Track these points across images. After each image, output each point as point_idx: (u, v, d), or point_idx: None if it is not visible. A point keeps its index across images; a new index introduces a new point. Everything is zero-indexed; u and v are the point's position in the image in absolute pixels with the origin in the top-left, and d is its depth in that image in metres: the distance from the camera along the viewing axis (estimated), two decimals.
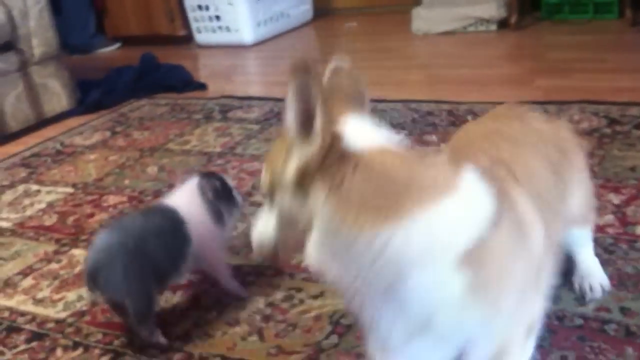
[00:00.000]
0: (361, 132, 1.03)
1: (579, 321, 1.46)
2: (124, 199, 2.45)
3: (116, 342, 1.65)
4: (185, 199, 1.71)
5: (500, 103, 2.70)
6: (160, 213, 1.70)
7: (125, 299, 1.56)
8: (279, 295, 1.73)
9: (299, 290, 1.73)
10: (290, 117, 0.99)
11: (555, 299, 1.53)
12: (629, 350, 1.35)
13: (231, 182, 1.83)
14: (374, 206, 0.97)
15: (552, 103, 2.69)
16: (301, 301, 1.68)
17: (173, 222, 1.65)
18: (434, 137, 2.54)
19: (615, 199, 1.92)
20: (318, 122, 0.97)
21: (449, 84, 3.23)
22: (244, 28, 4.66)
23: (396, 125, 2.71)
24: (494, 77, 3.24)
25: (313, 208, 1.00)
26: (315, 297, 1.69)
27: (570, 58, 3.33)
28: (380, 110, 2.91)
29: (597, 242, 1.71)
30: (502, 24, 4.11)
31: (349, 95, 1.10)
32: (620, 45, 3.40)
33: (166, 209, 1.70)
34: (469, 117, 2.67)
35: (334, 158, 0.98)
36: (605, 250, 1.68)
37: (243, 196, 1.99)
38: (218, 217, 1.72)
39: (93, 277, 1.55)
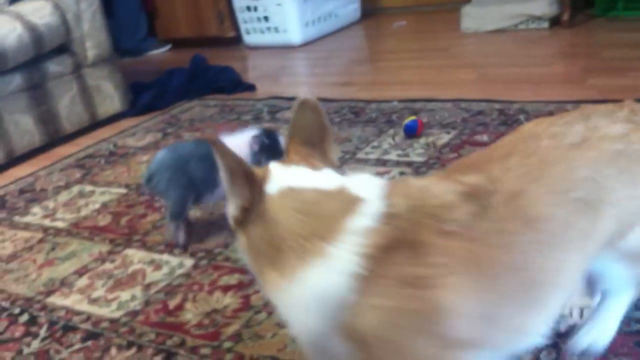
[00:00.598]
0: (284, 173, 1.03)
1: (637, 326, 1.42)
2: None
3: (169, 342, 1.67)
4: (235, 141, 2.00)
5: (553, 102, 2.69)
6: (207, 144, 1.90)
7: (166, 198, 2.09)
8: None
9: None
10: (223, 177, 1.02)
11: None
12: None
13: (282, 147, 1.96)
14: (268, 261, 0.98)
15: (607, 102, 2.62)
16: None
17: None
18: (485, 137, 2.51)
19: None
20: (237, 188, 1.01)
21: (500, 83, 3.17)
22: (292, 28, 4.67)
23: (446, 125, 2.69)
24: (546, 76, 3.18)
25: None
26: None
27: (625, 56, 3.24)
28: (430, 109, 2.88)
29: None
30: (554, 21, 4.02)
31: (312, 128, 1.09)
32: None
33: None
34: (521, 117, 2.62)
35: (254, 205, 1.00)
36: None
37: None
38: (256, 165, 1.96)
39: (149, 179, 2.08)
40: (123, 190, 2.66)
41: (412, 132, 2.62)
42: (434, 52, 4.05)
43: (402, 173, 2.34)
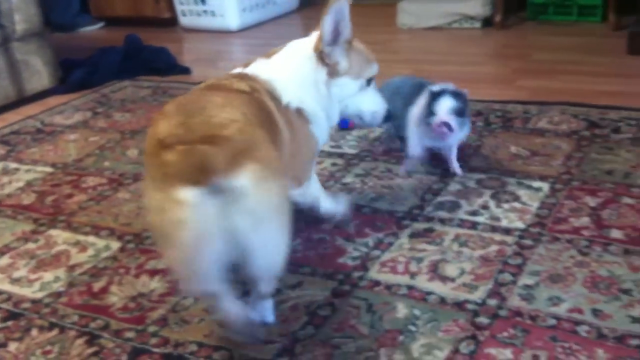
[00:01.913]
0: None
1: (552, 321, 1.49)
2: (104, 180, 2.44)
3: (92, 325, 1.65)
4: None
5: (484, 101, 2.76)
6: (420, 82, 2.28)
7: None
8: None
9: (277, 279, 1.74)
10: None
11: (529, 298, 1.56)
12: (600, 352, 1.39)
13: (444, 110, 2.06)
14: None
15: (534, 103, 2.72)
16: (278, 291, 1.69)
17: (421, 89, 2.19)
18: None
19: (592, 201, 1.95)
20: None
21: (433, 80, 3.23)
22: (230, 13, 4.63)
23: None
24: (478, 75, 3.26)
25: None
26: (292, 287, 1.71)
27: (554, 59, 3.36)
28: None
29: (572, 243, 1.75)
30: (487, 22, 4.13)
31: None
32: (603, 49, 3.44)
33: (423, 82, 2.27)
34: None
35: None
36: (579, 252, 1.72)
37: None
38: (424, 122, 2.11)
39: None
40: (49, 169, 2.59)
41: (345, 125, 2.64)
42: (371, 45, 4.06)
43: (334, 164, 2.37)
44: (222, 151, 1.32)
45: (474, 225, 1.90)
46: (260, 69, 1.79)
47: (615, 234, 1.78)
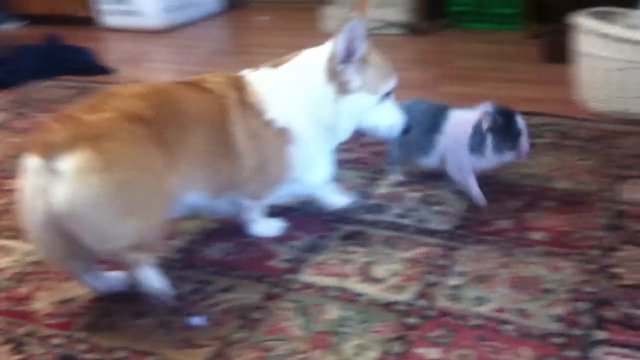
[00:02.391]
0: None
1: (479, 321, 1.54)
2: None
3: (19, 331, 1.59)
4: (466, 116, 2.00)
5: None
6: (436, 106, 2.09)
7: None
8: (187, 287, 1.72)
9: (209, 283, 1.73)
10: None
11: (456, 299, 1.60)
12: (525, 350, 1.44)
13: (524, 129, 1.95)
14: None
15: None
16: (210, 294, 1.68)
17: (440, 115, 2.04)
18: None
19: (515, 204, 2.03)
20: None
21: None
22: (153, 13, 4.57)
23: None
24: (400, 81, 3.26)
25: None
26: (225, 290, 1.70)
27: (474, 66, 3.47)
28: None
29: (496, 244, 1.81)
30: (410, 28, 4.22)
31: None
32: (520, 56, 3.57)
33: (444, 106, 2.07)
34: None
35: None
36: (503, 253, 1.78)
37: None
38: (480, 143, 1.95)
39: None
40: None
41: None
42: (296, 49, 4.09)
43: None
44: (65, 131, 1.44)
45: (403, 228, 1.93)
46: (262, 78, 1.80)
47: (537, 235, 1.86)
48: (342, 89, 1.77)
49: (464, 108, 2.05)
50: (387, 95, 1.86)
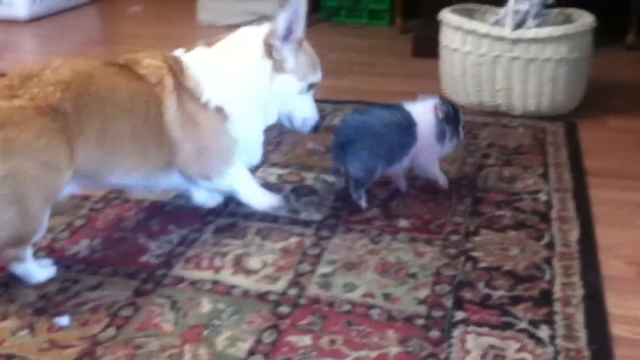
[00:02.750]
0: None
1: (347, 307, 1.58)
2: None
3: None
4: (422, 110, 2.03)
5: None
6: (400, 111, 2.03)
7: (356, 165, 1.93)
8: (53, 287, 1.66)
9: (75, 281, 1.68)
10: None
11: (326, 286, 1.65)
12: (390, 332, 1.50)
13: (462, 117, 2.07)
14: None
15: (328, 102, 2.85)
16: (77, 293, 1.64)
17: (408, 122, 2.00)
18: None
19: (381, 193, 2.10)
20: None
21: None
22: (18, 1, 4.34)
23: None
24: None
25: None
26: (92, 288, 1.66)
27: (346, 60, 3.55)
28: None
29: (364, 232, 1.87)
30: None
31: None
32: (391, 51, 3.69)
33: (406, 111, 2.03)
34: None
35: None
36: (371, 240, 1.84)
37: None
38: (441, 135, 2.02)
39: (344, 145, 1.93)
40: None
41: None
42: (170, 40, 4.00)
43: None
44: None
45: (275, 219, 1.96)
46: (196, 58, 1.80)
47: (403, 223, 1.93)
48: (277, 66, 1.82)
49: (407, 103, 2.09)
50: (310, 86, 1.91)
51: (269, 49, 1.81)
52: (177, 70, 1.78)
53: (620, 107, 2.87)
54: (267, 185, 2.14)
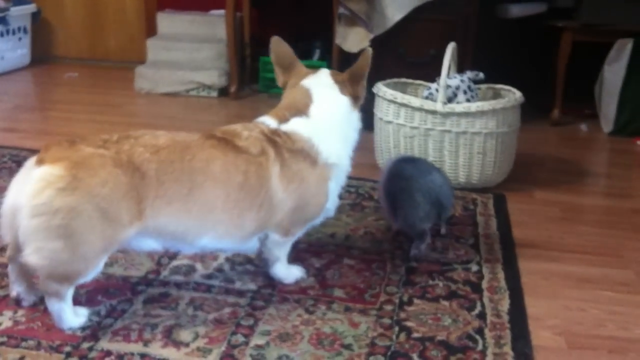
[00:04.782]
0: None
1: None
2: None
3: None
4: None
5: None
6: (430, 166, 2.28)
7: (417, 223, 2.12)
8: None
9: None
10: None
11: (260, 359, 1.61)
12: None
13: None
14: None
15: None
16: None
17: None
18: None
19: (317, 262, 2.10)
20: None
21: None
22: None
23: None
24: None
25: None
26: None
27: None
28: None
29: (299, 302, 1.86)
30: (223, 91, 4.31)
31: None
32: None
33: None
34: None
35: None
36: (306, 310, 1.83)
37: None
38: None
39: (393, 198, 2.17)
40: None
41: None
42: (107, 107, 4.02)
43: None
44: (61, 151, 1.62)
45: (208, 289, 1.93)
46: (301, 124, 1.89)
47: (338, 292, 1.93)
48: (355, 103, 1.96)
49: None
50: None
51: (343, 87, 1.95)
52: (277, 138, 1.85)
53: (547, 180, 2.99)
54: (202, 254, 2.12)
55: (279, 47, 2.02)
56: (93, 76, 4.85)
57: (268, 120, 1.93)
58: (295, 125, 1.90)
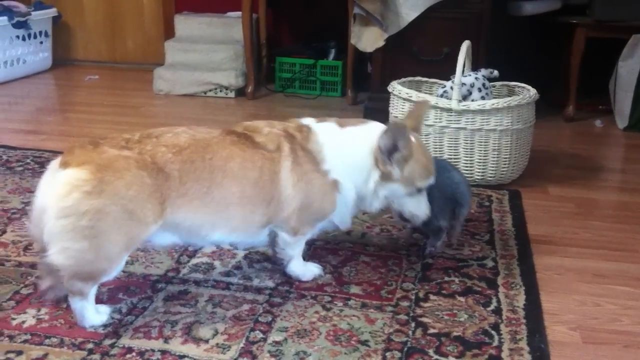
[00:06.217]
0: None
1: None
2: None
3: None
4: None
5: None
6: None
7: (432, 220, 2.05)
8: None
9: (19, 353, 1.64)
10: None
11: (278, 354, 1.64)
12: None
13: None
14: None
15: None
16: None
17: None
18: None
19: (334, 260, 2.13)
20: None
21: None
22: None
23: None
24: None
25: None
26: None
27: None
28: None
29: (316, 299, 1.89)
30: (240, 92, 4.35)
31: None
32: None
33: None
34: None
35: None
36: (323, 307, 1.86)
37: None
38: None
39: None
40: None
41: None
42: (126, 109, 4.08)
43: None
44: (85, 154, 1.66)
45: (227, 286, 1.96)
46: (327, 131, 1.92)
47: (354, 289, 1.96)
48: (384, 177, 1.88)
49: None
50: (420, 189, 1.94)
51: (376, 162, 1.88)
52: (297, 133, 1.90)
53: (561, 176, 2.99)
54: (221, 251, 2.15)
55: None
56: (112, 78, 4.91)
57: (307, 119, 1.98)
58: (322, 128, 1.93)
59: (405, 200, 1.94)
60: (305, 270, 2.02)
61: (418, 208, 1.96)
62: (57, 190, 1.61)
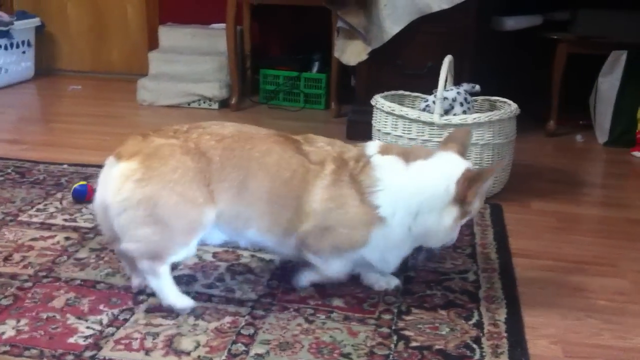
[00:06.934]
0: None
1: None
2: None
3: None
4: None
5: None
6: None
7: None
8: None
9: None
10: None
11: None
12: None
13: None
14: None
15: None
16: None
17: None
18: None
19: None
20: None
21: None
22: None
23: None
24: None
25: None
26: None
27: None
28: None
29: (299, 312, 1.89)
30: (224, 103, 4.36)
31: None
32: (326, 133, 3.74)
33: None
34: None
35: None
36: (306, 320, 1.85)
37: None
38: None
39: None
40: None
41: (80, 197, 2.58)
42: (110, 119, 4.06)
43: (67, 238, 2.30)
44: (135, 145, 1.79)
45: (209, 298, 1.95)
46: (388, 165, 1.83)
47: (337, 302, 1.96)
48: (463, 212, 1.82)
49: None
50: None
51: (460, 198, 1.79)
52: (353, 162, 1.84)
53: (543, 190, 3.02)
54: (204, 264, 2.15)
55: None
56: (96, 88, 4.90)
57: (373, 146, 1.90)
58: (383, 163, 1.84)
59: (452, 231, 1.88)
60: (384, 282, 2.03)
61: (454, 235, 1.91)
62: (113, 185, 1.75)
